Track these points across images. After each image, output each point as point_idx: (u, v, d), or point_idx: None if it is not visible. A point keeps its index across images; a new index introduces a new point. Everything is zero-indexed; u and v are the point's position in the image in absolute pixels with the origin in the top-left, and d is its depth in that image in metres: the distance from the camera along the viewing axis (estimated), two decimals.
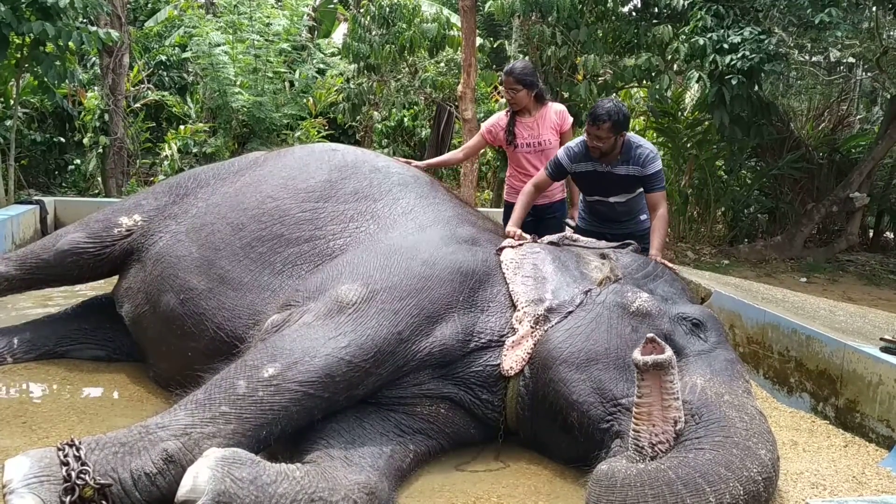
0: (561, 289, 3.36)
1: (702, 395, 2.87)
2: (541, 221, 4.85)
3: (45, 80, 8.31)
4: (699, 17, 8.34)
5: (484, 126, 5.12)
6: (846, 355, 3.79)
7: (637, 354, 2.72)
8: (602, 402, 3.00)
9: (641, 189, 4.29)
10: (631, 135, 4.24)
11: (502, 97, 8.56)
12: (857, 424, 3.69)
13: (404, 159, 4.55)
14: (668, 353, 2.71)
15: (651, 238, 4.16)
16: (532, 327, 3.23)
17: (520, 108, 4.81)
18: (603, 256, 3.56)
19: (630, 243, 3.78)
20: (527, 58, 9.69)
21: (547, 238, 3.78)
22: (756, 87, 8.66)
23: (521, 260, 3.53)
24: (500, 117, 5.01)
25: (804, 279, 8.55)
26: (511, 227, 4.07)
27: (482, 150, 8.50)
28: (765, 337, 4.43)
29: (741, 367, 3.22)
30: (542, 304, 3.28)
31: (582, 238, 3.80)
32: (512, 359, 3.20)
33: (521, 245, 3.67)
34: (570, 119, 5.01)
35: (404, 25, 10.52)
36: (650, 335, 2.80)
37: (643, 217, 4.43)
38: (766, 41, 7.90)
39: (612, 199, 4.34)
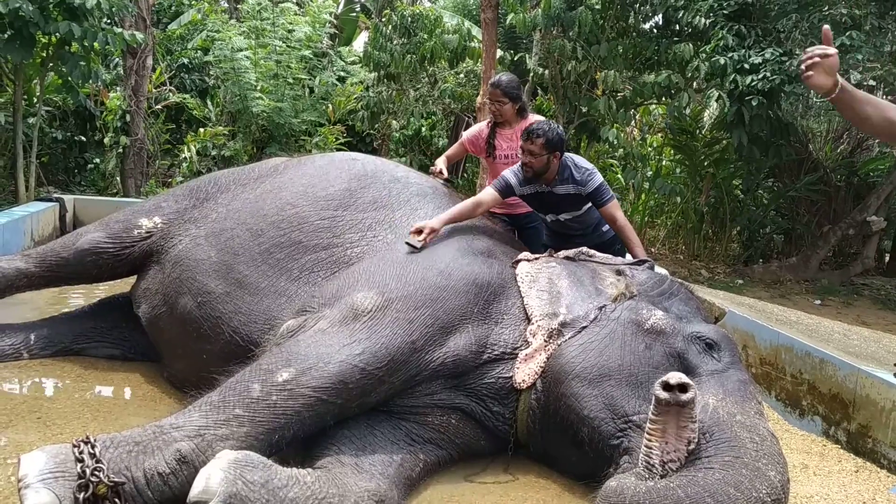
0: (575, 304, 3.36)
1: (713, 414, 2.87)
2: (521, 231, 4.85)
3: (70, 79, 8.38)
4: (720, 36, 8.34)
5: (465, 135, 5.15)
6: (859, 380, 3.77)
7: (659, 389, 2.68)
8: (613, 419, 3.00)
9: (590, 204, 4.28)
10: (568, 155, 4.20)
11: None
12: (868, 450, 3.67)
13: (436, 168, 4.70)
14: (692, 392, 2.65)
15: (627, 248, 4.17)
16: (545, 341, 3.24)
17: (503, 120, 4.85)
18: (619, 273, 3.55)
19: (647, 260, 3.78)
20: (546, 71, 9.72)
21: (563, 252, 3.78)
22: (776, 108, 8.64)
23: (537, 274, 3.53)
24: (481, 128, 5.04)
25: (818, 302, 8.50)
26: (434, 223, 3.72)
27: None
28: (778, 359, 4.41)
29: (754, 389, 3.21)
30: (556, 319, 3.29)
31: (598, 254, 3.80)
32: (524, 372, 3.21)
33: (537, 259, 3.67)
34: None
35: (425, 36, 10.57)
36: (675, 374, 2.72)
37: (605, 228, 4.41)
38: (787, 63, 7.89)
39: (562, 217, 4.33)
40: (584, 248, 3.82)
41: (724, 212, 10.18)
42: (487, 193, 4.19)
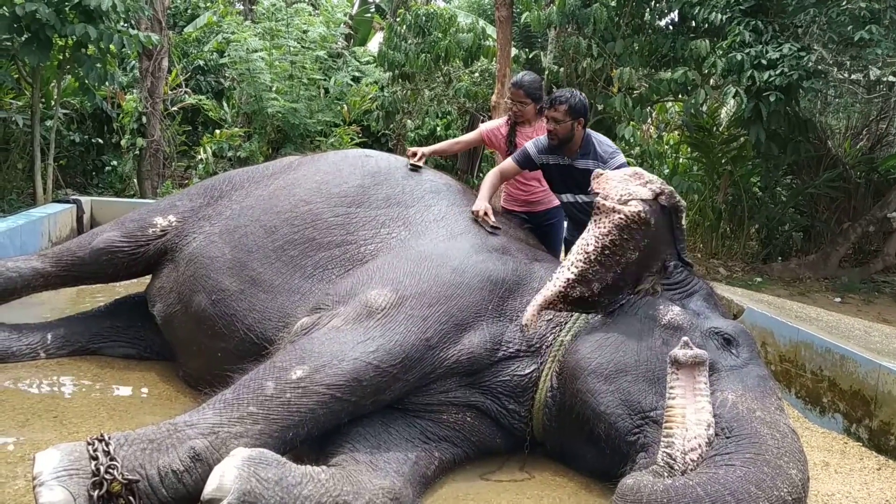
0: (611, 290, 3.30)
1: (733, 409, 2.83)
2: (538, 228, 4.82)
3: (86, 81, 8.44)
4: (737, 32, 8.26)
5: (484, 127, 5.13)
6: (881, 376, 3.72)
7: (675, 350, 2.77)
8: (630, 415, 2.97)
9: None
10: (593, 132, 4.26)
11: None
12: (891, 447, 3.62)
13: (412, 149, 4.56)
14: (704, 352, 2.77)
15: None
16: (554, 301, 3.21)
17: (523, 119, 4.82)
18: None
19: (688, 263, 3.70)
20: (561, 69, 9.68)
21: None
22: (794, 104, 8.55)
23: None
24: (500, 124, 5.02)
25: (838, 299, 8.41)
26: (480, 203, 3.95)
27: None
28: (797, 355, 4.36)
29: (774, 384, 3.16)
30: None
31: None
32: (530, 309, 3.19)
33: None
34: None
35: (440, 35, 10.54)
36: (685, 339, 2.83)
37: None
38: (805, 58, 7.80)
39: (579, 199, 4.30)
40: None
41: (743, 209, 10.09)
42: (507, 163, 4.34)
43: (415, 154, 4.36)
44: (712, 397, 2.86)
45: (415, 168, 4.22)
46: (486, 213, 3.85)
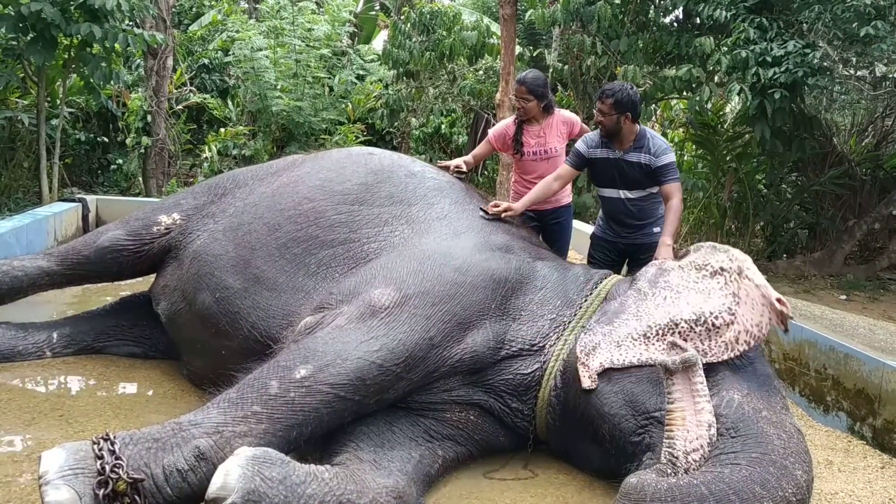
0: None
1: (738, 409, 2.83)
2: (546, 227, 4.83)
3: (91, 80, 8.45)
4: (742, 29, 8.23)
5: (491, 132, 5.14)
6: (885, 374, 3.71)
7: (664, 357, 2.71)
8: (634, 415, 2.97)
9: (654, 190, 4.27)
10: (647, 128, 4.32)
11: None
12: (895, 446, 3.61)
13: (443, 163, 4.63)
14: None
15: (664, 226, 4.20)
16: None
17: (528, 117, 4.83)
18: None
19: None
20: (566, 66, 9.67)
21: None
22: (799, 101, 8.52)
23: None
24: (507, 124, 5.02)
25: (844, 297, 8.39)
26: (517, 206, 4.19)
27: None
28: (801, 354, 4.35)
29: (778, 383, 3.17)
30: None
31: None
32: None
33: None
34: (580, 123, 5.02)
35: (444, 33, 10.55)
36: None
37: (656, 229, 4.40)
38: (810, 55, 7.77)
39: (623, 195, 4.33)
40: None
41: (748, 207, 10.06)
42: (563, 168, 4.44)
43: (456, 167, 4.63)
44: (717, 397, 2.86)
45: (461, 174, 4.47)
46: (507, 209, 3.99)
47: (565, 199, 5.05)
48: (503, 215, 3.96)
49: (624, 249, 4.52)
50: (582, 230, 6.65)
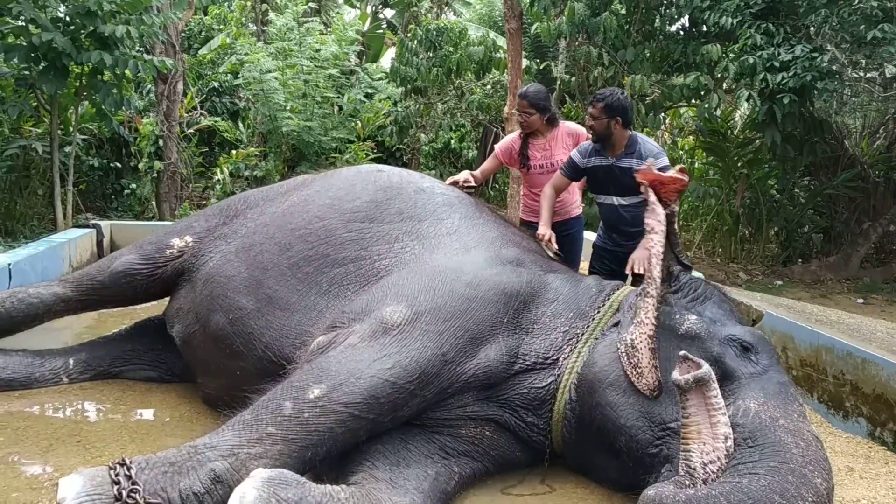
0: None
1: (755, 418, 2.80)
2: (558, 239, 4.82)
3: (103, 107, 8.55)
4: (748, 35, 8.23)
5: (497, 147, 5.17)
6: None
7: (676, 375, 2.69)
8: (650, 426, 2.95)
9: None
10: (638, 134, 4.35)
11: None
12: None
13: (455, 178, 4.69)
14: (706, 367, 2.68)
15: None
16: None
17: (532, 130, 4.85)
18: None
19: (688, 266, 3.69)
20: (573, 78, 9.69)
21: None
22: (808, 105, 8.50)
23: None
24: (513, 139, 5.04)
25: (861, 300, 8.32)
26: (543, 229, 4.28)
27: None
28: (819, 360, 4.31)
29: (795, 391, 3.13)
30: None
31: None
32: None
33: None
34: (585, 134, 5.03)
35: (451, 49, 10.60)
36: (683, 353, 2.76)
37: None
38: (818, 59, 7.76)
39: (617, 201, 4.34)
40: None
41: (761, 212, 10.02)
42: (556, 178, 4.53)
43: (464, 181, 4.64)
44: (733, 406, 2.84)
45: (470, 189, 4.52)
46: (549, 240, 4.10)
47: (575, 211, 5.06)
48: (462, 183, 4.12)
49: (623, 258, 4.49)
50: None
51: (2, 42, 7.57)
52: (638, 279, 3.81)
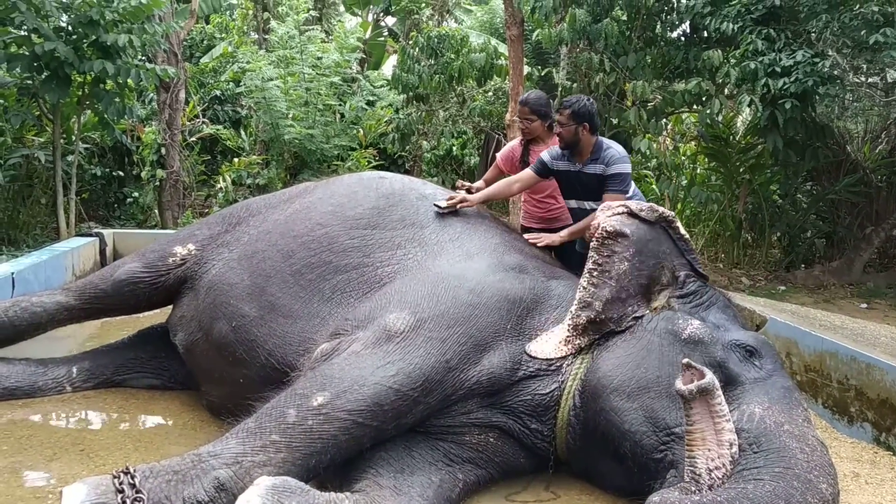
0: (614, 305, 3.31)
1: (760, 423, 2.80)
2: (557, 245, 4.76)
3: (105, 116, 8.58)
4: (749, 40, 8.24)
5: (499, 156, 5.19)
6: None
7: (679, 384, 2.67)
8: (655, 432, 2.95)
9: None
10: (607, 140, 4.36)
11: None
12: None
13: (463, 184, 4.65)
14: (709, 376, 2.67)
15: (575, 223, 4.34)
16: (569, 332, 3.26)
17: (533, 137, 4.86)
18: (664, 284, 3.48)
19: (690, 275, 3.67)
20: (575, 85, 9.69)
21: None
22: (810, 110, 8.50)
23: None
24: (513, 146, 5.06)
25: (864, 305, 8.30)
26: (472, 197, 4.13)
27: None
28: (823, 365, 4.30)
29: (799, 396, 3.12)
30: (586, 311, 3.28)
31: None
32: (537, 346, 3.25)
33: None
34: None
35: (452, 56, 10.61)
36: (685, 360, 2.75)
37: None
38: (819, 64, 7.76)
39: (587, 206, 4.34)
40: None
41: (763, 218, 10.01)
42: (525, 173, 4.48)
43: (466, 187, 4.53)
44: (738, 411, 2.84)
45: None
46: (461, 200, 4.00)
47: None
48: (459, 206, 3.98)
49: None
50: None
51: (5, 51, 7.60)
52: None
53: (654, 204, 3.46)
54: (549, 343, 3.25)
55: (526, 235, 4.05)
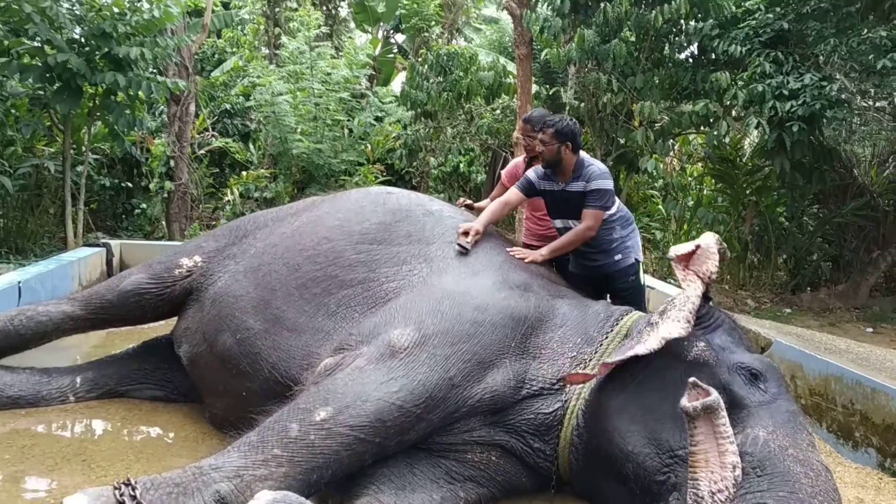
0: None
1: (764, 447, 2.77)
2: (561, 262, 4.60)
3: (115, 127, 8.64)
4: (757, 63, 8.27)
5: (503, 174, 5.21)
6: None
7: (685, 402, 2.66)
8: (658, 454, 2.93)
9: (604, 216, 4.27)
10: (588, 157, 4.36)
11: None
12: None
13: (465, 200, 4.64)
14: (714, 395, 2.65)
15: (555, 241, 4.29)
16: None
17: (536, 154, 4.86)
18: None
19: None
20: (582, 104, 9.72)
21: None
22: (817, 133, 8.50)
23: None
24: (517, 164, 5.09)
25: (870, 329, 8.27)
26: (475, 224, 3.95)
27: None
28: (828, 389, 4.28)
29: (804, 419, 3.10)
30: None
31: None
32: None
33: None
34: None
35: (461, 73, 10.67)
36: (692, 379, 2.74)
37: (617, 257, 4.39)
38: (827, 87, 7.78)
39: (572, 224, 4.33)
40: None
41: (769, 240, 10.00)
42: (512, 192, 4.43)
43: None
44: (742, 434, 2.82)
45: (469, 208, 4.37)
46: (476, 233, 3.85)
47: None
48: (475, 241, 3.83)
49: (597, 280, 4.44)
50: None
51: (18, 62, 7.67)
52: None
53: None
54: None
55: (508, 250, 3.99)
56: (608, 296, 4.43)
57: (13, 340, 4.04)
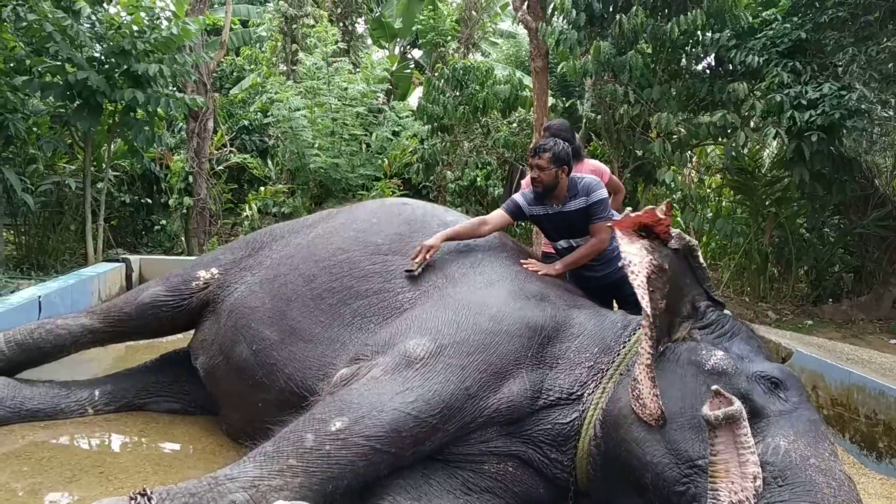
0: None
1: (785, 457, 2.73)
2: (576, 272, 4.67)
3: (135, 144, 8.74)
4: (775, 73, 8.23)
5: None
6: None
7: (706, 410, 2.63)
8: (677, 464, 2.89)
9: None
10: (574, 174, 4.24)
11: None
12: None
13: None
14: (737, 404, 2.62)
15: (570, 254, 4.16)
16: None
17: None
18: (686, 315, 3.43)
19: (720, 303, 3.62)
20: (599, 116, 9.71)
21: None
22: (837, 144, 8.44)
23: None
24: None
25: (894, 340, 8.16)
26: (430, 240, 3.76)
27: None
28: (850, 399, 4.22)
29: (826, 429, 3.05)
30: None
31: None
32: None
33: None
34: (608, 172, 5.01)
35: (477, 87, 10.71)
36: (715, 388, 2.70)
37: (621, 263, 4.30)
38: (846, 97, 7.72)
39: (574, 242, 4.26)
40: None
41: (790, 251, 9.91)
42: (495, 213, 4.21)
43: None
44: (763, 444, 2.78)
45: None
46: (427, 250, 3.67)
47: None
48: (427, 257, 3.67)
49: (602, 290, 4.37)
50: None
51: (39, 80, 7.78)
52: None
53: (681, 231, 3.39)
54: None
55: (522, 262, 3.94)
56: (615, 305, 4.39)
57: (33, 353, 4.08)
